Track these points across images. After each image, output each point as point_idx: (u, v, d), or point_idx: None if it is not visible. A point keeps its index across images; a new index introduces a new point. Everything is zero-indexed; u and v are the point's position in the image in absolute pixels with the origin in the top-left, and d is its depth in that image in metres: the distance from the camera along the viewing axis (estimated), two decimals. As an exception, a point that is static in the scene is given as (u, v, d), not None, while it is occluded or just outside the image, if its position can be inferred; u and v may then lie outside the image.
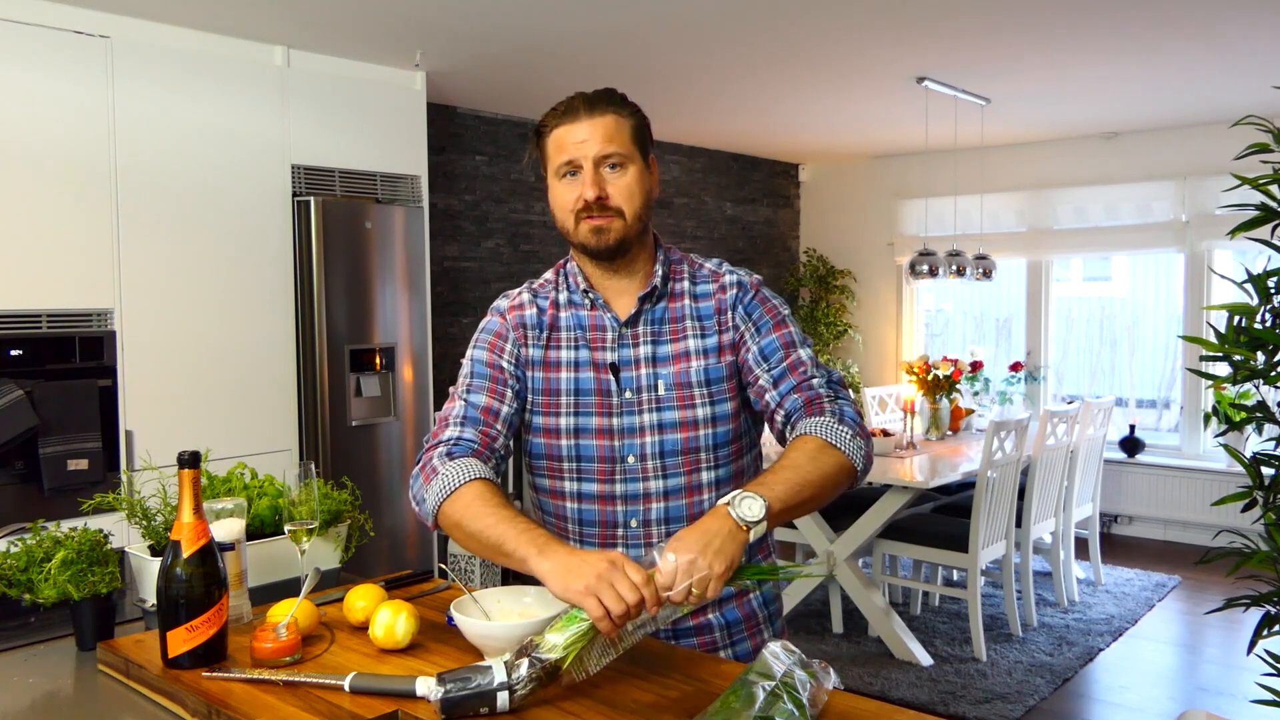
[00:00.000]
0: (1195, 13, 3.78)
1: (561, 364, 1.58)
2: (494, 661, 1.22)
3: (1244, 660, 3.31)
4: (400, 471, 4.39)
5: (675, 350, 1.55)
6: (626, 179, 1.51)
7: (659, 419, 1.54)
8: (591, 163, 1.49)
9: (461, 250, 5.46)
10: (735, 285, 1.58)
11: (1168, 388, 6.75)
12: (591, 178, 1.49)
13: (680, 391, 1.54)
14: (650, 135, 1.57)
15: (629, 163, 1.51)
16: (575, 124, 1.50)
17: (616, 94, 1.55)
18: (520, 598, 1.46)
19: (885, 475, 4.20)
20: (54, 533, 1.60)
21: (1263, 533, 2.49)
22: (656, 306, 1.58)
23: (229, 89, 3.86)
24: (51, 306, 3.41)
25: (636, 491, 1.55)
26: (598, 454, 1.55)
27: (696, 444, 1.54)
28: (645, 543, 1.55)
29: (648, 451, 1.54)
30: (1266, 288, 2.41)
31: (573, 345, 1.58)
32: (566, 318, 1.59)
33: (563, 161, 1.51)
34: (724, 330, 1.56)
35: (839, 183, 7.71)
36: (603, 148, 1.49)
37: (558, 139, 1.52)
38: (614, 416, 1.54)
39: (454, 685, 1.19)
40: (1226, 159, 3.14)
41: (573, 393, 1.56)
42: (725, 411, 1.55)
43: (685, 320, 1.57)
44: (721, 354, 1.56)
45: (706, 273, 1.61)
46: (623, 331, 1.56)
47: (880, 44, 4.21)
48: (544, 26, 3.89)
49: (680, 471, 1.54)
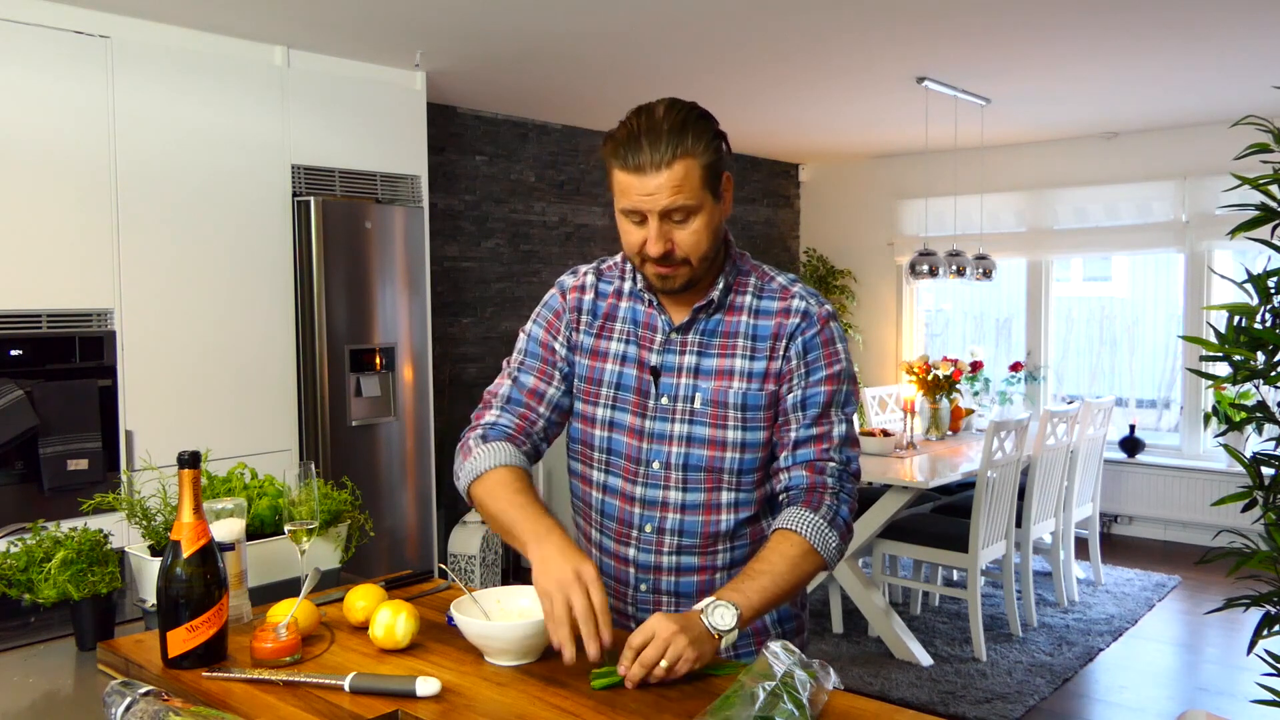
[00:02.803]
0: (1195, 13, 3.78)
1: (609, 355, 1.56)
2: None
3: (1244, 660, 3.31)
4: (400, 471, 4.39)
5: (720, 366, 1.51)
6: (694, 226, 1.42)
7: (689, 431, 1.51)
8: (657, 216, 1.41)
9: (461, 250, 5.46)
10: (800, 314, 1.51)
11: (1168, 388, 6.75)
12: (657, 231, 1.42)
13: (715, 409, 1.50)
14: (724, 160, 1.45)
15: (699, 209, 1.42)
16: (640, 176, 1.39)
17: (690, 125, 1.40)
18: (519, 598, 1.46)
19: (885, 475, 4.20)
20: (54, 533, 1.60)
21: (1263, 533, 2.49)
22: (712, 317, 1.53)
23: (229, 89, 3.86)
24: (51, 306, 3.40)
25: (656, 498, 1.54)
26: (625, 451, 1.55)
27: (721, 464, 1.51)
28: (657, 549, 1.55)
29: (673, 461, 1.52)
30: (1266, 288, 2.41)
31: (624, 339, 1.56)
32: (625, 309, 1.57)
33: (627, 207, 1.43)
34: (774, 358, 1.50)
35: (839, 183, 7.71)
36: (670, 201, 1.39)
37: (621, 181, 1.42)
38: (647, 419, 1.53)
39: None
40: (1226, 159, 3.14)
41: (614, 386, 1.56)
42: (756, 440, 1.51)
43: (738, 337, 1.52)
44: (766, 380, 1.50)
45: (775, 288, 1.54)
46: (671, 336, 1.53)
47: (880, 44, 4.21)
48: (544, 26, 3.89)
49: (701, 488, 1.52)
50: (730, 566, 1.55)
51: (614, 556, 1.59)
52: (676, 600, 1.56)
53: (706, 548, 1.54)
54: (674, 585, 1.56)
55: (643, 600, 1.58)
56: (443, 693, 1.27)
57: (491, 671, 1.36)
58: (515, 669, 1.36)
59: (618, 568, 1.59)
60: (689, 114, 1.42)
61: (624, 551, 1.58)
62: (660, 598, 1.57)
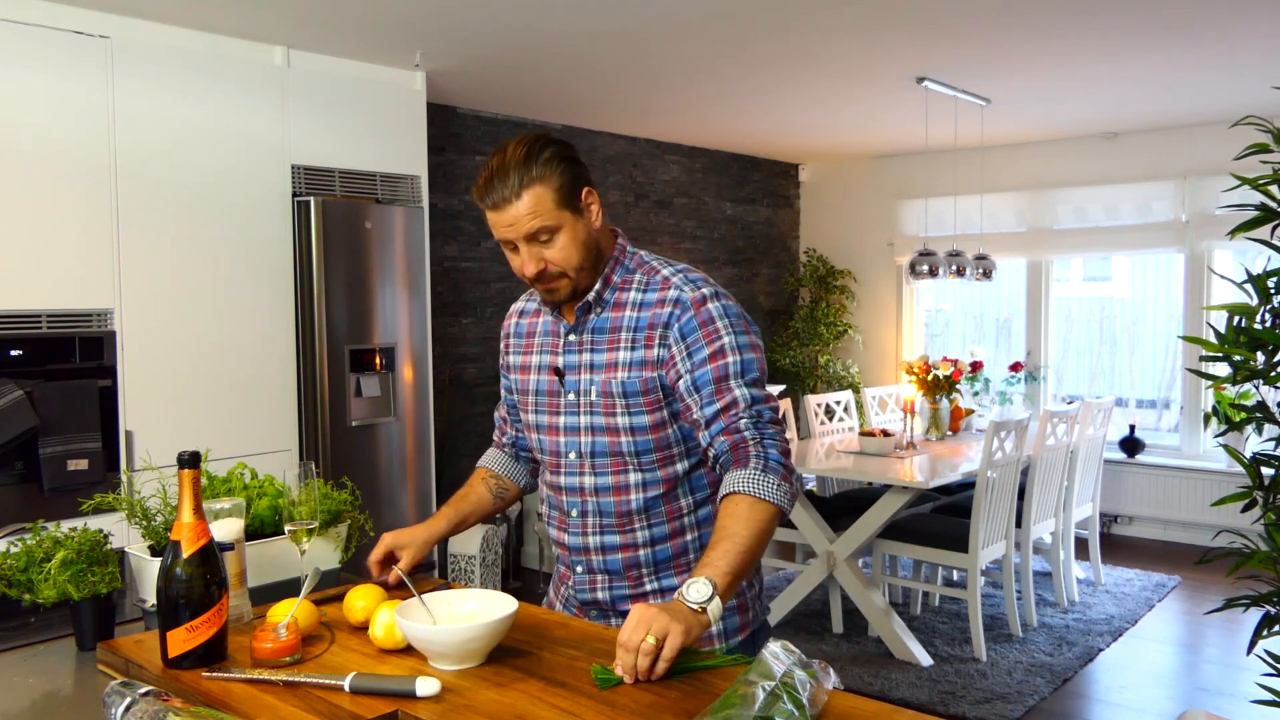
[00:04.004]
0: (1195, 13, 3.78)
1: (530, 368, 1.75)
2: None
3: (1244, 660, 3.31)
4: (400, 471, 4.39)
5: (609, 359, 1.64)
6: (560, 243, 1.56)
7: (591, 422, 1.65)
8: (524, 241, 1.55)
9: (461, 250, 5.46)
10: (673, 303, 1.60)
11: (1168, 388, 6.75)
12: (527, 254, 1.56)
13: (606, 399, 1.63)
14: (580, 180, 1.57)
15: (559, 227, 1.55)
16: (499, 211, 1.54)
17: (535, 154, 1.54)
18: (466, 602, 1.47)
19: (885, 475, 4.20)
20: (54, 533, 1.60)
21: (1262, 533, 2.50)
22: (601, 316, 1.65)
23: (229, 89, 3.86)
24: (51, 306, 3.40)
25: (575, 485, 1.69)
26: (549, 447, 1.72)
27: (620, 448, 1.64)
28: (583, 531, 1.69)
29: (583, 450, 1.67)
30: (1266, 288, 2.41)
31: (539, 350, 1.74)
32: (541, 324, 1.75)
33: (499, 238, 1.58)
34: (650, 346, 1.61)
35: (839, 183, 7.71)
36: (530, 226, 1.53)
37: (489, 218, 1.58)
38: (560, 415, 1.69)
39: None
40: (1226, 159, 3.14)
41: (535, 392, 1.73)
42: (643, 424, 1.62)
43: (621, 330, 1.63)
44: (644, 368, 1.61)
45: (658, 281, 1.64)
46: (569, 339, 1.68)
47: (880, 44, 4.21)
48: (544, 26, 3.89)
49: (608, 471, 1.66)
50: (652, 544, 1.67)
51: (559, 544, 1.77)
52: (609, 579, 1.69)
53: (623, 526, 1.67)
54: (603, 564, 1.69)
55: (579, 582, 1.72)
56: (443, 693, 1.27)
57: (491, 671, 1.36)
58: (515, 669, 1.36)
59: (563, 554, 1.76)
60: (533, 145, 1.54)
61: (563, 538, 1.74)
62: (595, 577, 1.70)
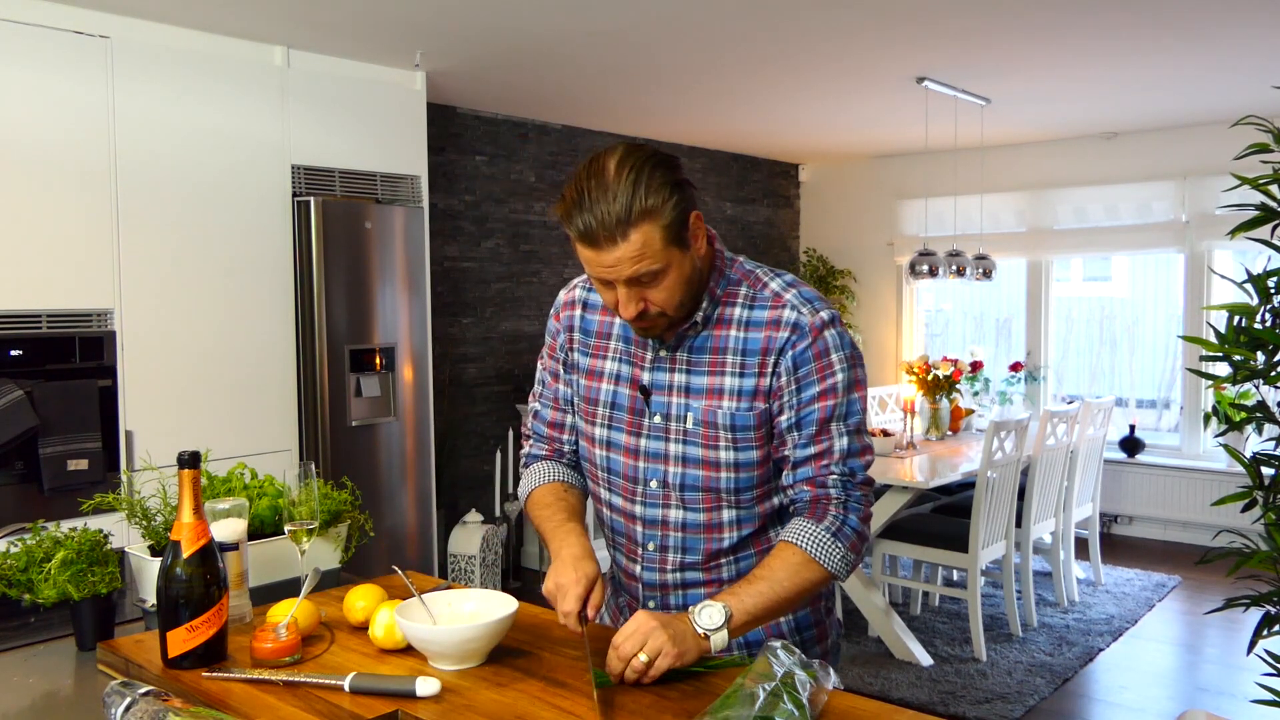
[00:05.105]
0: (1195, 13, 3.78)
1: (604, 374, 1.55)
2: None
3: (1244, 660, 3.31)
4: (400, 471, 4.39)
5: (710, 384, 1.45)
6: (665, 284, 1.36)
7: (684, 452, 1.47)
8: (624, 283, 1.35)
9: (461, 250, 5.46)
10: (791, 326, 1.42)
11: (1168, 388, 6.75)
12: (626, 295, 1.36)
13: (706, 430, 1.45)
14: (689, 206, 1.35)
15: (667, 268, 1.34)
16: (596, 250, 1.32)
17: (643, 182, 1.29)
18: (465, 603, 1.47)
19: (885, 475, 4.20)
20: (54, 533, 1.60)
21: (1263, 533, 2.49)
22: (700, 333, 1.47)
23: (229, 89, 3.86)
24: (51, 306, 3.40)
25: (656, 517, 1.52)
26: (623, 471, 1.53)
27: (718, 484, 1.47)
28: (661, 568, 1.53)
29: (670, 480, 1.49)
30: (1266, 288, 2.41)
31: (617, 357, 1.54)
32: (618, 325, 1.54)
33: (593, 275, 1.38)
34: (764, 374, 1.43)
35: (839, 183, 7.71)
36: (633, 271, 1.33)
37: (580, 250, 1.36)
38: (642, 438, 1.50)
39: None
40: (1226, 159, 3.14)
41: (609, 405, 1.54)
42: (750, 459, 1.46)
43: (727, 353, 1.45)
44: (755, 398, 1.44)
45: (767, 296, 1.45)
46: (660, 355, 1.48)
47: (880, 44, 4.21)
48: (544, 26, 3.89)
49: (700, 507, 1.49)
50: (736, 580, 1.51)
51: (625, 572, 1.61)
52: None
53: (709, 564, 1.52)
54: (681, 601, 1.54)
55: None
56: (443, 693, 1.27)
57: (491, 671, 1.36)
58: (515, 669, 1.36)
59: (629, 584, 1.60)
60: (642, 168, 1.30)
61: (633, 569, 1.58)
62: (670, 613, 1.52)
